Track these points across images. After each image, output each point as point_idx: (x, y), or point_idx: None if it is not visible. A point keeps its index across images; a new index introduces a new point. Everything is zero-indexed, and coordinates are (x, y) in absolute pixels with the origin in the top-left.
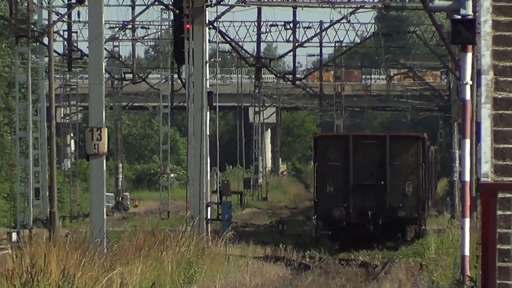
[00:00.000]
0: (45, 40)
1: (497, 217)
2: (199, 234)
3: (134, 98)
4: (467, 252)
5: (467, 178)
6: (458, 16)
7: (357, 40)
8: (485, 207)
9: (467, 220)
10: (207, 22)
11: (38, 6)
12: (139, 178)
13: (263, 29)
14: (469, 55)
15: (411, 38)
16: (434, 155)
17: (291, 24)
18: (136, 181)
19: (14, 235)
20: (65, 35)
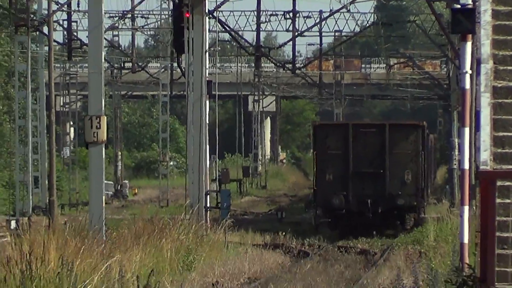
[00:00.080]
0: (44, 29)
1: (496, 205)
2: (198, 222)
3: (133, 87)
4: (466, 240)
5: (466, 166)
6: (458, 6)
7: (356, 30)
8: (484, 195)
9: (466, 208)
10: (207, 11)
11: None
12: (138, 166)
13: (262, 18)
14: (468, 44)
15: (410, 28)
16: (434, 143)
17: (291, 14)
18: (135, 169)
19: (13, 223)
20: (64, 25)
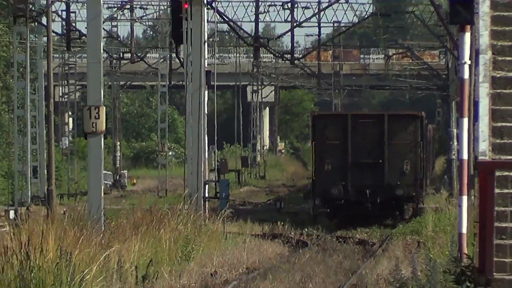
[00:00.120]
0: (43, 20)
1: (494, 195)
2: (196, 212)
3: (132, 77)
4: (464, 230)
5: (465, 157)
6: None
7: (355, 20)
8: (482, 185)
9: (464, 198)
10: (206, 2)
11: None
12: (137, 156)
13: (261, 9)
14: (467, 35)
15: (409, 18)
16: (432, 134)
17: (289, 4)
18: (134, 159)
19: (12, 212)
20: (63, 15)
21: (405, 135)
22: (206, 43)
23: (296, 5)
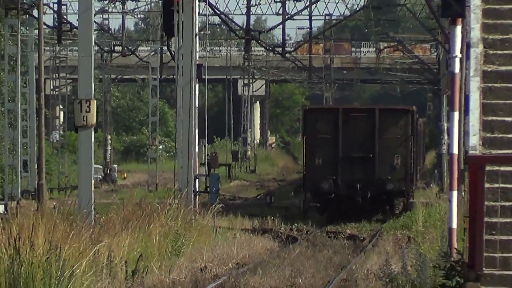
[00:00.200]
0: (35, 12)
1: (485, 190)
2: (187, 207)
3: (123, 71)
4: (454, 225)
5: (455, 151)
6: None
7: (347, 13)
8: (473, 180)
9: (454, 193)
10: None
11: None
12: (127, 150)
13: (252, 1)
14: (458, 28)
15: (400, 11)
16: (423, 128)
17: None
18: (124, 153)
19: (2, 207)
20: (55, 8)
21: (396, 129)
22: (198, 36)
23: None
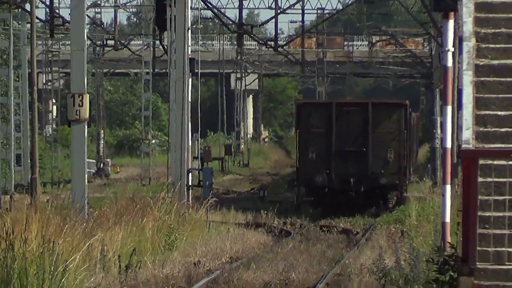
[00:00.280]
0: (27, 6)
1: (478, 184)
2: (180, 201)
3: (116, 65)
4: (448, 219)
5: (449, 145)
6: None
7: (339, 7)
8: (466, 174)
9: (448, 187)
10: None
11: None
12: (120, 144)
13: None
14: (451, 22)
15: (393, 5)
16: (416, 122)
17: None
18: (117, 147)
19: None
20: (47, 2)
21: (389, 124)
22: (190, 30)
23: None
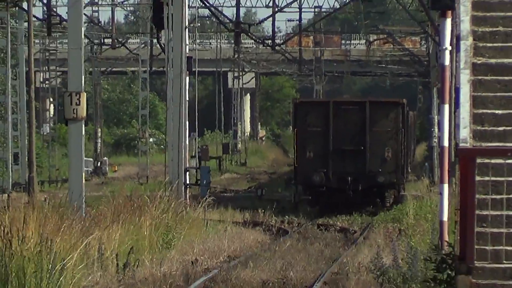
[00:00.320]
0: (24, 5)
1: (475, 182)
2: (177, 199)
3: (113, 63)
4: (445, 218)
5: (446, 144)
6: None
7: (336, 6)
8: (463, 173)
9: (445, 185)
10: None
11: None
12: (117, 143)
13: None
14: (448, 21)
15: (390, 4)
16: (413, 121)
17: None
18: (114, 146)
19: None
20: (44, 0)
21: (386, 122)
22: (187, 29)
23: None
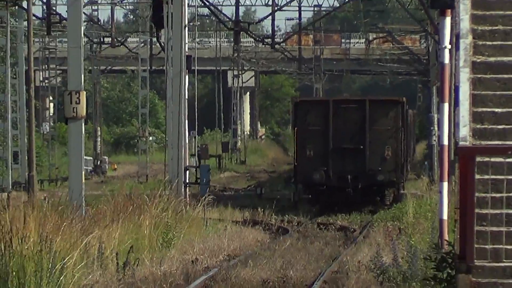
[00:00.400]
0: (24, 4)
1: (475, 181)
2: (177, 198)
3: (113, 62)
4: (445, 216)
5: (446, 142)
6: None
7: (336, 4)
8: (463, 171)
9: (445, 184)
10: None
11: None
12: (117, 142)
13: None
14: (448, 19)
15: (390, 2)
16: (413, 119)
17: None
18: (114, 144)
19: None
20: None
21: (386, 121)
22: (187, 28)
23: None
